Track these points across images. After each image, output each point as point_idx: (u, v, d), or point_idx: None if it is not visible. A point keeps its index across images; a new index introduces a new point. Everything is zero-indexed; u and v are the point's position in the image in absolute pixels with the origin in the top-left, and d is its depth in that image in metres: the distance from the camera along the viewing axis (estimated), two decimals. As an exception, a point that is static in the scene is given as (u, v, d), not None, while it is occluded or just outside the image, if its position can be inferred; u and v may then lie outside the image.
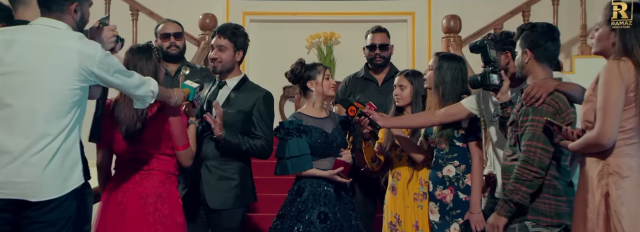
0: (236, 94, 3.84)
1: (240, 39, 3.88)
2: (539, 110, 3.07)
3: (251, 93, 3.85)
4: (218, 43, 3.85)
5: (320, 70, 3.84)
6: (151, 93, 3.07)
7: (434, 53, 3.93)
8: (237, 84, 3.88)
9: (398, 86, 4.06)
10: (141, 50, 3.38)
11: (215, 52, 3.85)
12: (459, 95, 3.77)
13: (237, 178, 3.81)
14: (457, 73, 3.81)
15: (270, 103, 3.88)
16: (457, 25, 6.70)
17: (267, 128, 3.83)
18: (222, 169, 3.80)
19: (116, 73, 2.93)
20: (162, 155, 3.43)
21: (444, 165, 3.82)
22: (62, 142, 2.82)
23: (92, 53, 2.85)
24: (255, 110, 3.80)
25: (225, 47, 3.83)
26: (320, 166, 3.75)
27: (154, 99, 3.10)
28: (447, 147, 3.80)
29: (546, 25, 3.29)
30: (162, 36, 4.69)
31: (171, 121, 3.38)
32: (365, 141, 3.95)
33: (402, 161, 4.04)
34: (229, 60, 3.85)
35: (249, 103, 3.80)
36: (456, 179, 3.79)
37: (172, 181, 3.46)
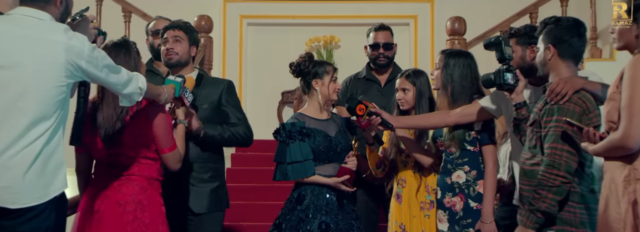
0: (199, 89, 3.70)
1: (193, 34, 3.76)
2: (565, 110, 2.87)
3: (213, 86, 3.75)
4: (173, 34, 3.69)
5: (329, 70, 3.63)
6: (139, 90, 2.87)
7: (440, 51, 3.70)
8: (196, 79, 3.69)
9: (400, 89, 3.85)
10: (118, 46, 3.16)
11: (171, 43, 3.68)
12: (470, 95, 3.56)
13: (216, 181, 3.72)
14: (466, 70, 3.60)
15: (233, 90, 3.80)
16: (462, 27, 6.51)
17: (241, 114, 3.75)
18: (202, 171, 3.69)
19: (105, 68, 2.72)
20: (144, 159, 3.20)
21: (454, 170, 3.61)
22: (45, 143, 2.60)
23: (79, 46, 2.65)
24: (223, 100, 3.72)
25: (181, 38, 3.68)
26: (323, 172, 3.55)
27: (142, 97, 2.90)
28: (458, 151, 3.59)
29: (572, 20, 3.09)
30: (153, 33, 4.47)
31: (154, 120, 3.16)
32: (369, 146, 3.75)
33: (407, 166, 3.84)
34: (185, 52, 3.70)
35: (215, 96, 3.71)
36: (466, 186, 3.58)
37: (154, 187, 3.23)
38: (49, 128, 2.61)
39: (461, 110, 3.49)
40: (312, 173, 3.49)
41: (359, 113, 3.55)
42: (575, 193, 2.90)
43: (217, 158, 3.74)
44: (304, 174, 3.48)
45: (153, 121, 3.15)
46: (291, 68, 3.66)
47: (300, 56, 3.66)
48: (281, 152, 3.54)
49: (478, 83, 3.59)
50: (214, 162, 3.72)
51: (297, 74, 3.67)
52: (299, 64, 3.63)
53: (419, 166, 3.79)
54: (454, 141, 3.56)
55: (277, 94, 8.08)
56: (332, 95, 3.64)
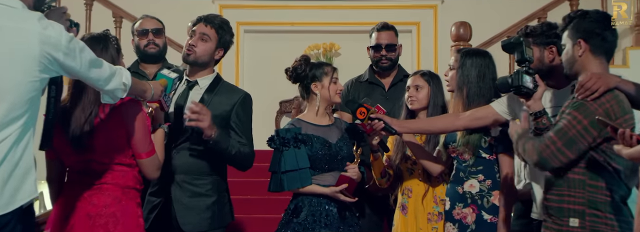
0: (210, 96, 3.32)
1: (227, 35, 3.38)
2: (586, 108, 2.58)
3: (228, 95, 3.34)
4: (202, 30, 3.33)
5: (327, 71, 3.40)
6: (123, 86, 2.58)
7: (455, 50, 3.43)
8: (210, 84, 3.37)
9: (413, 87, 3.60)
10: (96, 40, 2.85)
11: (196, 39, 3.32)
12: (487, 98, 3.28)
13: (212, 195, 3.30)
14: (484, 70, 3.32)
15: (249, 106, 3.38)
16: (468, 32, 6.20)
17: (249, 134, 3.35)
18: (194, 185, 3.28)
19: (85, 61, 2.42)
20: (119, 165, 2.89)
21: (466, 179, 3.32)
22: (12, 145, 2.30)
23: (56, 37, 2.35)
24: (234, 114, 3.30)
25: (208, 37, 3.32)
26: (323, 182, 3.31)
27: (126, 93, 2.60)
28: (472, 159, 3.30)
29: (601, 12, 2.81)
30: (139, 33, 4.19)
31: (130, 122, 2.85)
32: (373, 153, 3.50)
33: (413, 175, 3.59)
34: (208, 53, 3.33)
35: (226, 107, 3.30)
36: (480, 197, 3.29)
37: (130, 197, 2.91)
38: (17, 129, 2.32)
39: (471, 114, 3.21)
40: (308, 182, 3.26)
41: (359, 117, 3.31)
42: (607, 203, 2.60)
43: (216, 169, 3.34)
44: (299, 183, 3.25)
45: (128, 123, 2.85)
46: (287, 73, 3.45)
47: (296, 60, 3.45)
48: (275, 160, 3.33)
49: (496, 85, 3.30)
50: (212, 174, 3.32)
51: (294, 79, 3.45)
52: (296, 68, 3.41)
53: (426, 174, 3.54)
54: (468, 147, 3.28)
55: (275, 104, 7.92)
56: (334, 98, 3.41)
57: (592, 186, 2.62)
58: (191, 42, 3.30)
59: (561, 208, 2.66)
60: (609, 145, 2.56)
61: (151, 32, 4.16)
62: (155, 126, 3.07)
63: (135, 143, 2.87)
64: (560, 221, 2.65)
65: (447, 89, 3.48)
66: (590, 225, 2.60)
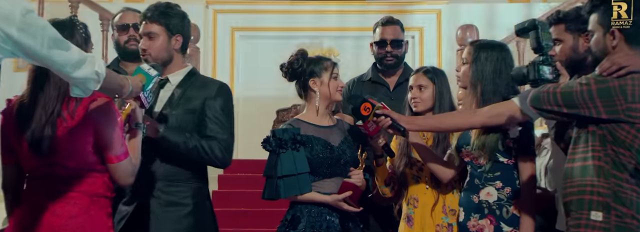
0: (182, 90, 3.09)
1: (173, 20, 3.10)
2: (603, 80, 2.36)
3: (201, 88, 3.10)
4: (146, 30, 3.10)
5: (327, 66, 3.16)
6: (95, 76, 2.25)
7: (469, 42, 3.13)
8: (182, 79, 3.12)
9: (416, 87, 3.32)
10: (59, 26, 2.49)
11: (144, 42, 3.11)
12: (504, 95, 2.99)
13: (190, 203, 3.03)
14: (500, 65, 3.02)
15: (225, 97, 3.11)
16: (474, 36, 6.05)
17: (223, 126, 3.06)
18: (169, 193, 3.01)
19: (46, 40, 2.10)
20: (86, 170, 2.57)
21: (482, 187, 3.01)
22: None
23: (8, 8, 2.03)
24: (207, 107, 3.07)
25: (155, 34, 3.08)
26: (323, 189, 3.06)
27: (100, 85, 2.29)
28: (488, 164, 3.00)
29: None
30: (119, 28, 3.88)
31: (100, 120, 2.55)
32: (377, 158, 3.23)
33: (420, 182, 3.30)
34: (162, 49, 3.08)
35: (199, 100, 3.07)
36: (498, 206, 2.98)
37: (99, 207, 2.59)
38: None
39: (490, 110, 2.89)
40: (307, 189, 3.02)
41: (363, 113, 3.02)
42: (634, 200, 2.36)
43: (193, 176, 3.08)
44: (297, 190, 3.01)
45: (97, 121, 2.54)
46: (283, 70, 3.22)
47: (292, 54, 3.22)
48: (271, 164, 3.06)
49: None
50: (190, 180, 3.06)
51: (290, 76, 3.21)
52: (292, 63, 3.17)
53: (434, 181, 3.25)
54: (484, 150, 2.98)
55: (271, 113, 7.77)
56: (334, 96, 3.15)
57: (617, 177, 2.36)
58: (141, 46, 3.12)
59: (582, 200, 2.38)
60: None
61: (132, 27, 3.83)
62: (132, 125, 2.78)
63: (106, 145, 2.56)
64: (579, 214, 2.38)
65: (458, 85, 3.20)
66: (616, 222, 2.33)
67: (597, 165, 2.35)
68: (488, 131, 2.96)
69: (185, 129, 3.01)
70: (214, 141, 3.02)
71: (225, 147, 3.04)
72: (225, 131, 3.07)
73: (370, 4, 7.96)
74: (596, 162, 2.36)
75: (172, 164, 3.02)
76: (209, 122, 3.05)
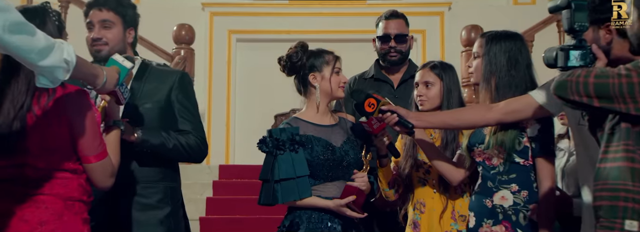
0: (140, 84, 2.92)
1: (129, 11, 2.96)
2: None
3: (160, 79, 2.95)
4: (100, 17, 2.89)
5: (328, 60, 3.00)
6: (64, 64, 2.06)
7: (479, 35, 2.94)
8: (137, 71, 2.96)
9: (422, 83, 3.14)
10: (30, 13, 2.31)
11: (98, 30, 2.90)
12: (522, 90, 2.79)
13: (164, 207, 2.89)
14: (515, 56, 2.84)
15: (188, 86, 3.01)
16: None
17: (195, 119, 2.98)
18: (143, 195, 2.85)
19: (7, 24, 1.91)
20: (60, 171, 2.35)
21: (496, 190, 2.81)
22: None
23: None
24: (173, 99, 2.94)
25: (111, 23, 2.90)
26: (325, 194, 2.90)
27: (69, 74, 2.09)
28: (502, 165, 2.80)
29: None
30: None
31: (74, 117, 2.34)
32: (381, 159, 3.04)
33: (427, 185, 3.12)
34: (118, 40, 2.92)
35: (162, 91, 2.93)
36: (514, 211, 2.77)
37: (74, 212, 2.37)
38: None
39: (506, 105, 2.70)
40: (307, 194, 2.85)
41: (368, 110, 2.85)
42: None
43: (168, 175, 2.93)
44: (296, 195, 2.84)
45: (72, 118, 2.32)
46: (281, 63, 3.05)
47: (291, 48, 3.05)
48: (268, 167, 2.89)
49: (532, 73, 2.82)
50: (163, 181, 2.91)
51: (289, 70, 3.04)
52: (290, 57, 3.00)
53: (443, 185, 3.07)
54: (500, 149, 2.78)
55: (269, 118, 7.70)
56: (336, 92, 2.99)
57: None
58: (94, 35, 2.89)
59: (615, 207, 2.11)
60: None
61: None
62: (109, 122, 2.60)
63: (82, 144, 2.35)
64: (611, 222, 2.11)
65: (471, 81, 3.01)
66: None
67: (631, 167, 2.12)
68: (504, 128, 2.77)
69: (151, 124, 2.86)
70: (190, 135, 2.91)
71: (201, 140, 2.94)
72: (197, 123, 2.97)
73: (369, 6, 7.89)
74: (630, 164, 2.12)
75: (143, 163, 2.86)
76: (179, 115, 2.93)
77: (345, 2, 8.06)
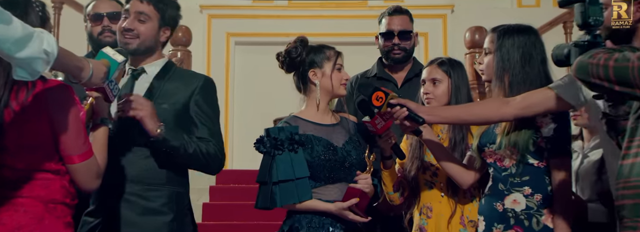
0: (161, 82, 2.76)
1: (169, 10, 2.79)
2: None
3: (184, 81, 2.78)
4: (138, 8, 2.73)
5: (330, 55, 2.87)
6: (44, 55, 1.91)
7: (490, 29, 2.80)
8: (160, 70, 2.79)
9: (429, 81, 3.00)
10: (11, 3, 2.14)
11: (131, 21, 2.74)
12: (536, 86, 2.64)
13: (169, 212, 2.69)
14: (529, 50, 2.68)
15: (212, 93, 2.82)
16: (484, 38, 5.58)
17: (215, 127, 2.79)
18: (146, 198, 2.66)
19: None
20: (40, 172, 2.20)
21: (508, 193, 2.66)
22: None
23: None
24: (193, 103, 2.74)
25: (147, 17, 2.74)
26: (325, 196, 2.76)
27: (50, 66, 1.95)
28: (514, 166, 2.65)
29: None
30: (92, 18, 3.52)
31: (56, 114, 2.19)
32: (385, 160, 2.90)
33: (434, 188, 2.98)
34: (151, 36, 2.75)
35: (183, 94, 2.75)
36: (527, 216, 2.62)
37: (56, 215, 2.22)
38: None
39: (524, 99, 2.56)
40: (307, 197, 2.71)
41: (376, 104, 2.70)
42: None
43: (175, 178, 2.75)
44: (295, 197, 2.70)
45: (54, 114, 2.17)
46: (279, 59, 2.93)
47: (289, 43, 2.92)
48: (265, 168, 2.75)
49: (547, 69, 2.68)
50: (169, 184, 2.72)
51: (287, 67, 2.91)
52: (289, 52, 2.87)
53: (451, 188, 2.93)
54: (513, 150, 2.63)
55: (268, 122, 7.46)
56: (337, 89, 2.85)
57: None
58: (126, 26, 2.73)
59: (637, 205, 2.02)
60: None
61: (106, 17, 3.49)
62: (96, 120, 2.45)
63: (64, 142, 2.19)
64: (634, 222, 2.02)
65: (483, 79, 2.88)
66: None
67: None
68: (518, 128, 2.62)
69: (170, 125, 2.67)
70: (210, 143, 2.72)
71: (220, 150, 2.75)
72: (217, 131, 2.79)
73: (370, 9, 7.74)
74: None
75: (149, 165, 2.68)
76: (199, 121, 2.74)
77: (345, 5, 7.94)
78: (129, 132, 2.61)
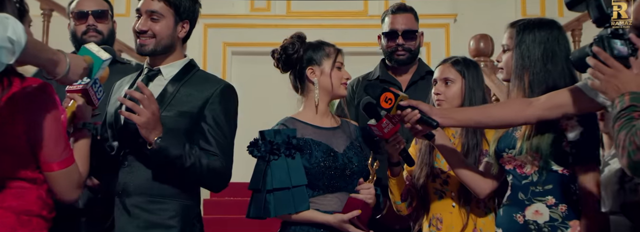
0: (176, 87, 2.50)
1: (184, 2, 2.54)
2: None
3: (200, 86, 2.51)
4: (149, 6, 2.51)
5: (329, 52, 2.65)
6: (8, 43, 1.67)
7: (509, 24, 2.56)
8: (178, 72, 2.54)
9: (441, 80, 2.76)
10: None
11: (144, 21, 2.50)
12: (560, 87, 2.39)
13: (175, 225, 2.43)
14: (552, 46, 2.44)
15: (229, 102, 2.57)
16: (489, 46, 5.52)
17: (225, 141, 2.53)
18: (150, 211, 2.41)
19: None
20: (14, 180, 1.99)
21: (529, 203, 2.40)
22: None
23: None
24: (208, 112, 2.49)
25: (160, 15, 2.50)
26: (324, 207, 2.52)
27: (16, 57, 1.71)
28: (538, 173, 2.39)
29: None
30: (76, 16, 3.28)
31: (33, 116, 1.98)
32: (392, 167, 2.65)
33: (444, 198, 2.73)
34: (167, 34, 2.51)
35: (197, 101, 2.49)
36: (551, 228, 2.36)
37: (31, 229, 2.01)
38: None
39: (549, 98, 2.32)
40: (304, 207, 2.48)
41: (384, 106, 2.44)
42: None
43: (183, 190, 2.48)
44: (291, 207, 2.47)
45: (30, 117, 1.96)
46: (274, 56, 2.71)
47: (286, 39, 2.70)
48: (259, 174, 2.52)
49: (571, 67, 2.44)
50: (177, 197, 2.46)
51: (283, 64, 2.68)
52: (285, 48, 2.65)
53: (463, 198, 2.68)
54: (535, 156, 2.38)
55: None
56: (337, 89, 2.62)
57: None
58: (140, 27, 2.49)
59: None
60: None
61: (92, 15, 3.25)
62: (78, 124, 2.24)
63: (43, 148, 1.98)
64: None
65: (501, 79, 2.62)
66: None
67: None
68: (540, 131, 2.37)
69: (174, 133, 2.42)
70: (216, 158, 2.45)
71: (226, 166, 2.49)
72: (227, 146, 2.53)
73: (370, 18, 7.52)
74: None
75: (156, 176, 2.44)
76: (209, 133, 2.48)
77: (345, 14, 7.74)
78: (133, 137, 2.38)
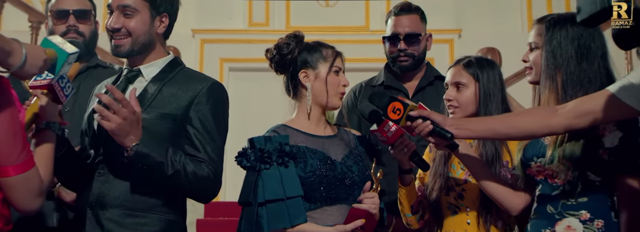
0: (157, 86, 2.26)
1: None
2: None
3: (184, 85, 2.27)
4: (120, 2, 2.29)
5: (326, 55, 2.43)
6: None
7: (536, 20, 2.32)
8: (159, 71, 2.30)
9: (452, 85, 2.49)
10: None
11: (116, 18, 2.28)
12: (597, 87, 2.15)
13: None
14: (587, 43, 2.19)
15: (217, 102, 2.29)
16: (497, 60, 5.48)
17: (214, 146, 2.26)
18: (126, 226, 2.18)
19: None
20: None
21: (560, 217, 2.14)
22: None
23: None
24: (194, 114, 2.24)
25: (134, 9, 2.26)
26: (323, 220, 2.30)
27: None
28: (570, 184, 2.14)
29: None
30: (56, 15, 3.03)
31: None
32: (402, 175, 2.40)
33: (459, 214, 2.44)
34: (143, 31, 2.27)
35: (181, 102, 2.25)
36: None
37: None
38: None
39: (577, 105, 2.06)
40: (301, 220, 2.25)
41: (393, 117, 2.21)
42: None
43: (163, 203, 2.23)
44: (286, 221, 2.24)
45: None
46: (268, 56, 2.51)
47: (281, 38, 2.50)
48: (249, 186, 2.27)
49: (608, 65, 2.20)
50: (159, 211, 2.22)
51: (276, 65, 2.47)
52: (280, 47, 2.44)
53: (480, 213, 2.40)
54: (568, 165, 2.12)
55: None
56: (332, 99, 2.41)
57: None
58: (112, 24, 2.25)
59: None
60: None
61: (73, 15, 2.99)
62: (40, 125, 2.02)
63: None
64: None
65: (529, 81, 2.34)
66: None
67: None
68: (575, 137, 2.12)
69: (157, 138, 2.18)
70: (203, 164, 2.20)
71: (214, 173, 2.22)
72: (214, 152, 2.26)
73: (372, 33, 7.34)
74: None
75: (137, 187, 2.20)
76: (195, 136, 2.23)
77: (346, 29, 7.56)
78: (108, 143, 2.13)
